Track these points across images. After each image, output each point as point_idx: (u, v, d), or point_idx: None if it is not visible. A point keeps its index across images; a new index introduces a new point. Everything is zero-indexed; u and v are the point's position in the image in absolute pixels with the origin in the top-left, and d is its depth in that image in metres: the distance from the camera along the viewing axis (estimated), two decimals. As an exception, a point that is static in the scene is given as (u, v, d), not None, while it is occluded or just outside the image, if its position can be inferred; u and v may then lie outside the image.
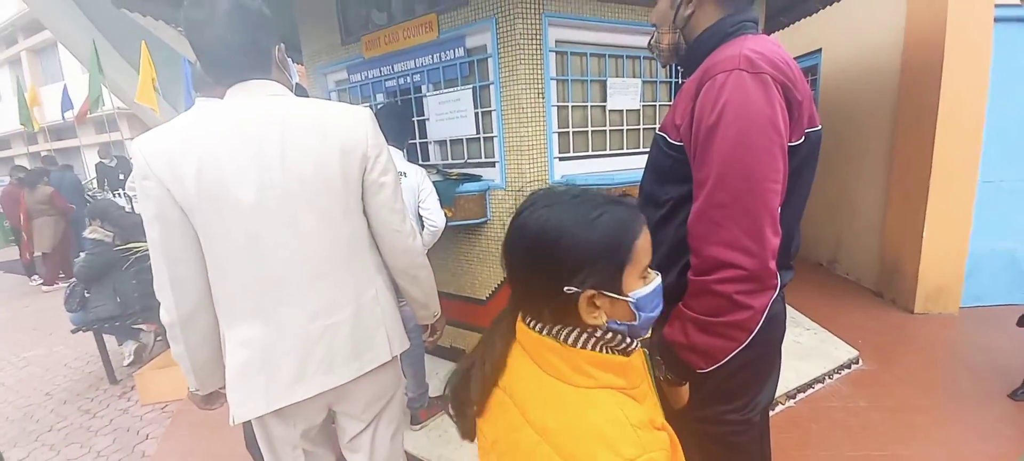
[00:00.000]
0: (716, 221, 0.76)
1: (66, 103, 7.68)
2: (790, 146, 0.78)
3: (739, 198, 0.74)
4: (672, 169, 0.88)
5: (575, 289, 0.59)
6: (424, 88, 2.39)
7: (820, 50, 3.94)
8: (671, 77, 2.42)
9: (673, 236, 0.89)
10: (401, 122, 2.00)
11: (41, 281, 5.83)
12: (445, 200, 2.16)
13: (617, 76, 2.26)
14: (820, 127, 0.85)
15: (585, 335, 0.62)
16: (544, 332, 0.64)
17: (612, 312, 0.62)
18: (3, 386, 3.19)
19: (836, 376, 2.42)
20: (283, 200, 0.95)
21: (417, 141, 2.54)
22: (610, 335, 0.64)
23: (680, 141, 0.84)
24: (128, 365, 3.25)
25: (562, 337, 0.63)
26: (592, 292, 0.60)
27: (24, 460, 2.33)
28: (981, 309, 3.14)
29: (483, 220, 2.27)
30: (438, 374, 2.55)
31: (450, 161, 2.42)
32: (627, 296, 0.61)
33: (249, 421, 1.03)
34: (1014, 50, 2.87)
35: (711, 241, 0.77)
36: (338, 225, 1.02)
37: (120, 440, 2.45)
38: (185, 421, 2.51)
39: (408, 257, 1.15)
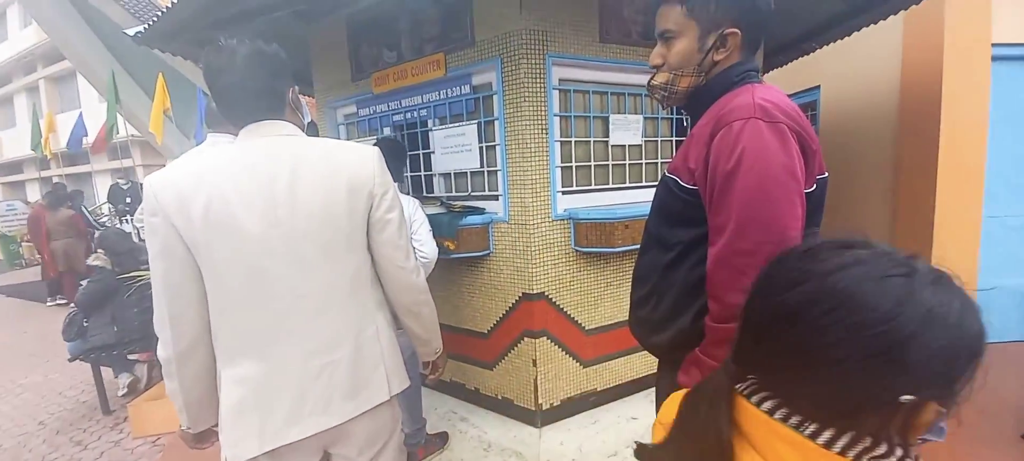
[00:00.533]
0: (738, 268, 0.76)
1: (78, 131, 7.86)
2: (805, 193, 0.79)
3: (761, 246, 0.74)
4: (683, 212, 0.88)
5: (912, 398, 0.44)
6: (430, 122, 2.44)
7: (818, 87, 4.00)
8: (672, 114, 2.47)
9: (684, 280, 0.89)
10: (396, 156, 2.02)
11: (65, 300, 5.85)
12: (448, 233, 2.17)
13: (619, 113, 2.30)
14: (827, 174, 0.86)
15: (875, 450, 0.46)
16: (812, 436, 0.46)
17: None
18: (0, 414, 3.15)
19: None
20: (289, 236, 0.95)
21: (422, 173, 2.58)
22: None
23: (694, 185, 0.85)
24: (122, 396, 3.21)
25: (838, 448, 0.46)
26: (937, 405, 0.45)
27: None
28: (990, 347, 3.03)
29: (486, 252, 2.27)
30: (437, 409, 2.49)
31: (454, 194, 2.45)
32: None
33: (242, 461, 1.00)
34: (1014, 86, 2.91)
35: (734, 288, 0.76)
36: (342, 261, 1.02)
37: (110, 474, 2.39)
38: (176, 456, 2.45)
39: (411, 294, 1.14)
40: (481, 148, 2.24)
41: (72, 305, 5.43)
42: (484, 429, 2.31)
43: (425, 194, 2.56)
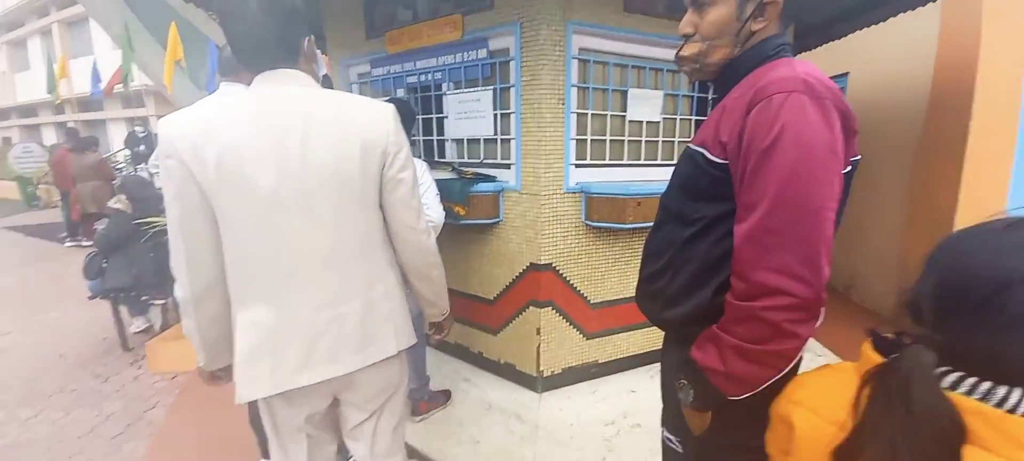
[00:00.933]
0: (767, 246, 0.73)
1: (95, 78, 7.87)
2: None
3: (795, 224, 0.71)
4: (709, 187, 0.85)
5: None
6: (445, 86, 2.41)
7: (847, 74, 3.87)
8: (694, 90, 2.41)
9: (704, 256, 0.86)
10: (405, 119, 1.99)
11: (89, 242, 6.00)
12: (459, 199, 2.18)
13: (639, 87, 2.25)
14: (860, 156, 0.83)
15: None
16: None
17: None
18: (17, 346, 3.29)
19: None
20: (301, 191, 0.96)
21: (434, 138, 2.56)
22: None
23: (725, 159, 0.81)
24: (137, 333, 3.33)
25: None
26: None
27: (31, 419, 2.40)
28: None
29: (495, 220, 2.28)
30: (441, 369, 2.56)
31: (466, 160, 2.44)
32: None
33: (255, 400, 1.05)
34: None
35: (761, 266, 0.73)
36: (353, 219, 1.03)
37: (129, 406, 2.51)
38: (192, 393, 2.56)
39: (422, 256, 1.16)
40: (495, 115, 2.22)
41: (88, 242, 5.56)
42: (486, 390, 2.38)
43: (436, 159, 2.55)
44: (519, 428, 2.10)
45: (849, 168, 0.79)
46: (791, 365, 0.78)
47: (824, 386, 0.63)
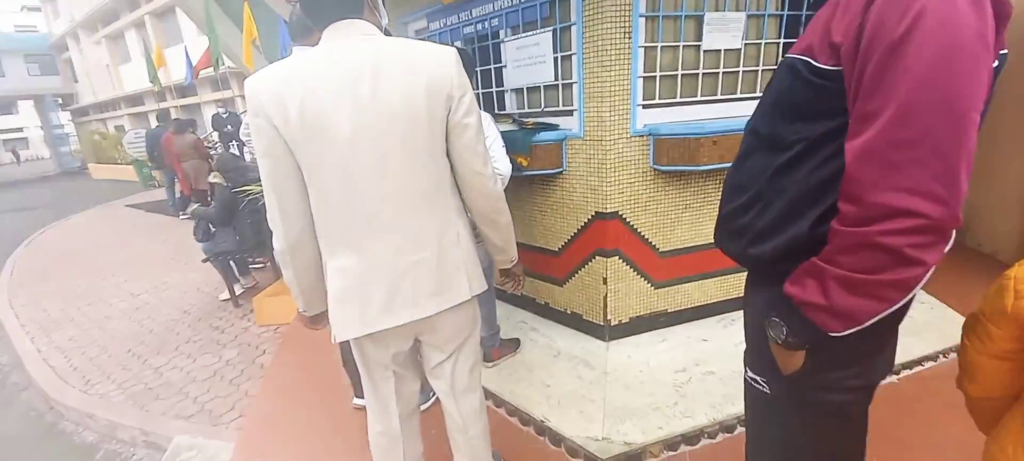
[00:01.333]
0: (894, 163, 0.62)
1: (188, 65, 8.60)
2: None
3: (932, 133, 0.60)
4: (812, 102, 0.73)
5: None
6: (502, 33, 2.33)
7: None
8: (783, 8, 2.12)
9: (803, 183, 0.76)
10: (465, 68, 1.96)
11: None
12: (521, 149, 2.15)
13: (716, 10, 2.02)
14: (1007, 51, 0.68)
15: None
16: None
17: None
18: (148, 305, 3.87)
19: (950, 355, 2.13)
20: (375, 138, 0.98)
21: (493, 90, 2.52)
22: None
23: (837, 65, 0.69)
24: (240, 294, 3.78)
25: None
26: None
27: (163, 366, 2.83)
28: None
29: (559, 170, 2.23)
30: (509, 319, 2.64)
31: (526, 110, 2.38)
32: None
33: (346, 342, 1.14)
34: None
35: (883, 187, 0.62)
36: (424, 165, 1.05)
37: (243, 353, 2.89)
38: (294, 341, 2.88)
39: (489, 201, 1.16)
40: (556, 59, 2.12)
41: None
42: (553, 339, 2.42)
43: (496, 111, 2.52)
44: (588, 373, 2.13)
45: (997, 63, 0.65)
46: (908, 298, 0.69)
47: None
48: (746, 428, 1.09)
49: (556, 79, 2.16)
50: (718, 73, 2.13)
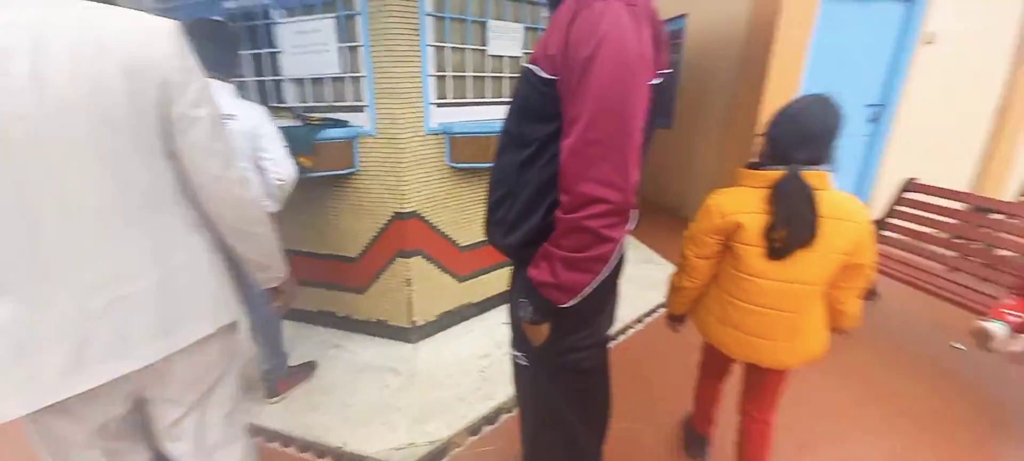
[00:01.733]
0: (590, 158, 0.76)
1: None
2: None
3: (612, 134, 0.75)
4: (541, 107, 0.84)
5: None
6: (274, 14, 2.01)
7: (685, 15, 4.27)
8: (549, 28, 2.40)
9: (538, 177, 0.87)
10: (222, 48, 1.57)
11: None
12: (303, 148, 1.89)
13: (499, 19, 2.16)
14: (671, 70, 0.89)
15: None
16: None
17: None
18: None
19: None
20: (41, 136, 0.70)
21: (268, 79, 2.17)
22: None
23: (554, 75, 0.80)
24: None
25: None
26: None
27: None
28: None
29: (351, 170, 2.06)
30: (305, 341, 2.34)
31: (311, 105, 2.12)
32: None
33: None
34: (833, 23, 3.40)
35: (584, 178, 0.76)
36: (128, 171, 0.80)
37: None
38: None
39: (237, 210, 0.96)
40: (341, 49, 1.93)
41: None
42: (357, 353, 2.25)
43: (273, 104, 2.18)
44: (394, 380, 2.05)
45: (659, 80, 0.84)
46: (609, 268, 0.85)
47: (737, 196, 1.17)
48: (518, 402, 1.25)
49: (343, 71, 1.97)
50: (503, 77, 2.29)
